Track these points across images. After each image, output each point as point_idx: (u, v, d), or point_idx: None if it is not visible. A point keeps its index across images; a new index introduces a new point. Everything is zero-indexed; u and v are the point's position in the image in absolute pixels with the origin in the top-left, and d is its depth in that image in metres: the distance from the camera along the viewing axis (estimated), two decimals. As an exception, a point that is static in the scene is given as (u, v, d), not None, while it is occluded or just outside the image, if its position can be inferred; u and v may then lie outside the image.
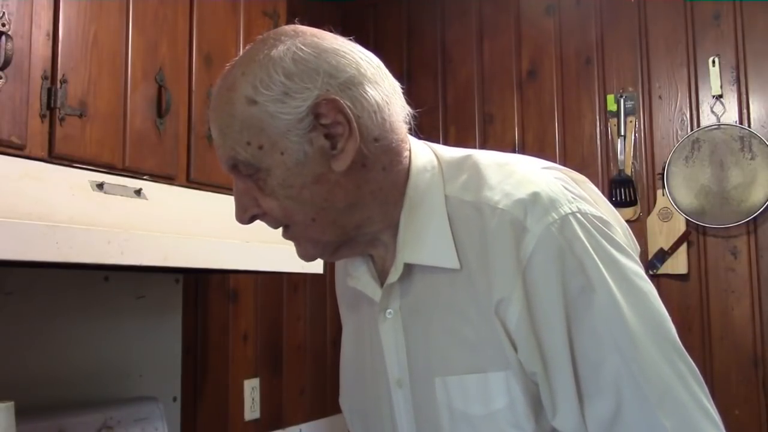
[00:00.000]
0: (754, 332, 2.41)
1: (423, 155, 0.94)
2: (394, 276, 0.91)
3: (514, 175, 0.89)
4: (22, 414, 1.28)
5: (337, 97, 0.84)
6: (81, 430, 1.59)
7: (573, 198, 0.86)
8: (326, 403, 2.63)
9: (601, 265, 0.82)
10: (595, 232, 0.84)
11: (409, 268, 0.91)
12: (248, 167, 0.85)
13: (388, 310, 0.94)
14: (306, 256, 0.93)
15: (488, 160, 0.93)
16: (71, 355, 1.68)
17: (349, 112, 0.84)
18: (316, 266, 1.77)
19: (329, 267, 1.21)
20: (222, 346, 2.20)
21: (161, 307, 1.94)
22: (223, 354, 2.20)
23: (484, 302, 0.85)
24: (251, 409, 2.28)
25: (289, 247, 0.94)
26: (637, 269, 0.85)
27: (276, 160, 0.84)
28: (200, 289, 2.12)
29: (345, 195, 0.88)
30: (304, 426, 2.51)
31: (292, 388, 2.50)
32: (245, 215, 0.89)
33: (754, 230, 2.45)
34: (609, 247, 0.84)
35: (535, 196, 0.84)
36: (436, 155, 0.95)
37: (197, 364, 2.10)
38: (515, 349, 0.84)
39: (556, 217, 0.83)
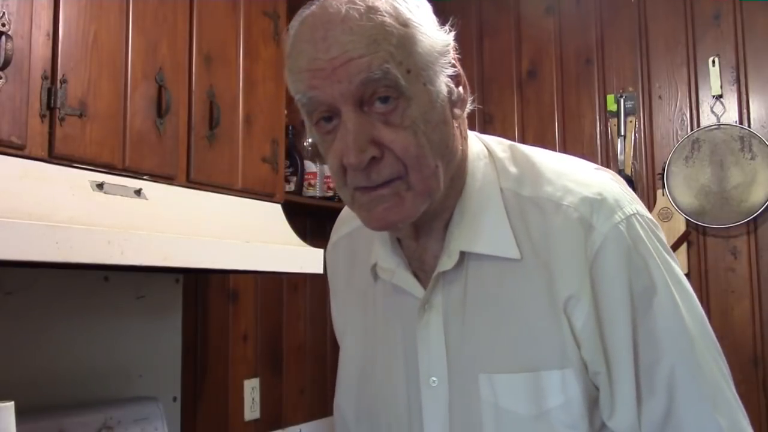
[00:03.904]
0: (754, 332, 2.41)
1: (475, 144, 0.92)
2: (447, 264, 0.87)
3: (573, 172, 0.88)
4: (22, 414, 1.28)
5: None
6: (81, 430, 1.59)
7: (632, 199, 0.87)
8: (326, 403, 2.63)
9: (662, 266, 0.83)
10: (651, 235, 0.85)
11: (460, 258, 0.87)
12: (391, 89, 0.78)
13: (427, 304, 0.89)
14: (397, 213, 0.82)
15: (539, 154, 0.92)
16: (71, 355, 1.68)
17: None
18: (316, 266, 1.77)
19: (329, 267, 1.20)
20: (222, 346, 2.20)
21: (161, 307, 1.94)
22: (223, 354, 2.20)
23: (543, 298, 0.83)
24: (251, 409, 2.28)
25: (289, 247, 0.93)
26: (682, 272, 0.87)
27: (419, 90, 0.79)
28: (200, 289, 2.12)
29: (457, 148, 0.86)
30: (304, 426, 2.51)
31: (292, 388, 2.50)
32: (364, 155, 0.78)
33: (754, 230, 2.45)
34: (662, 249, 0.85)
35: (601, 195, 0.84)
36: (484, 144, 0.93)
37: (197, 364, 2.10)
38: (578, 347, 0.82)
39: (623, 216, 0.84)
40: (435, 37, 0.82)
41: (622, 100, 2.65)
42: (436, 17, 0.85)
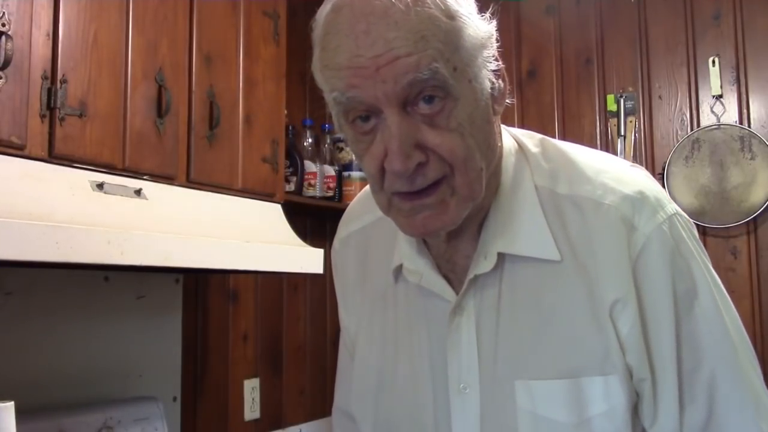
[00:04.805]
0: (754, 332, 2.41)
1: (506, 138, 0.87)
2: (485, 266, 0.83)
3: (611, 170, 0.84)
4: (22, 414, 1.28)
5: None
6: (81, 430, 1.59)
7: (669, 198, 0.84)
8: (326, 403, 2.62)
9: (703, 268, 0.82)
10: (691, 236, 0.83)
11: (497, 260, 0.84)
12: (438, 89, 0.72)
13: (458, 308, 0.85)
14: (439, 221, 0.78)
15: (572, 149, 0.88)
16: (71, 355, 1.68)
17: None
18: (316, 266, 1.77)
19: (328, 267, 1.20)
20: (222, 346, 2.20)
21: (161, 307, 1.94)
22: (223, 354, 2.20)
23: (584, 301, 0.80)
24: (251, 409, 2.28)
25: (289, 247, 0.92)
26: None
27: (465, 89, 0.74)
28: (200, 289, 2.12)
29: (497, 146, 0.81)
30: (304, 426, 2.51)
31: (292, 388, 2.50)
32: (411, 162, 0.73)
33: (754, 230, 2.45)
34: (701, 251, 0.84)
35: (642, 194, 0.81)
36: (514, 139, 0.88)
37: (197, 364, 2.10)
38: (623, 352, 0.79)
39: (665, 216, 0.81)
40: (479, 28, 0.76)
41: (622, 100, 2.65)
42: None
